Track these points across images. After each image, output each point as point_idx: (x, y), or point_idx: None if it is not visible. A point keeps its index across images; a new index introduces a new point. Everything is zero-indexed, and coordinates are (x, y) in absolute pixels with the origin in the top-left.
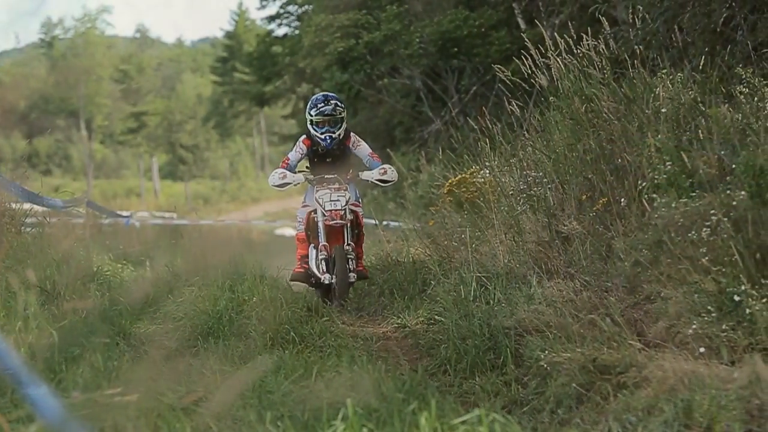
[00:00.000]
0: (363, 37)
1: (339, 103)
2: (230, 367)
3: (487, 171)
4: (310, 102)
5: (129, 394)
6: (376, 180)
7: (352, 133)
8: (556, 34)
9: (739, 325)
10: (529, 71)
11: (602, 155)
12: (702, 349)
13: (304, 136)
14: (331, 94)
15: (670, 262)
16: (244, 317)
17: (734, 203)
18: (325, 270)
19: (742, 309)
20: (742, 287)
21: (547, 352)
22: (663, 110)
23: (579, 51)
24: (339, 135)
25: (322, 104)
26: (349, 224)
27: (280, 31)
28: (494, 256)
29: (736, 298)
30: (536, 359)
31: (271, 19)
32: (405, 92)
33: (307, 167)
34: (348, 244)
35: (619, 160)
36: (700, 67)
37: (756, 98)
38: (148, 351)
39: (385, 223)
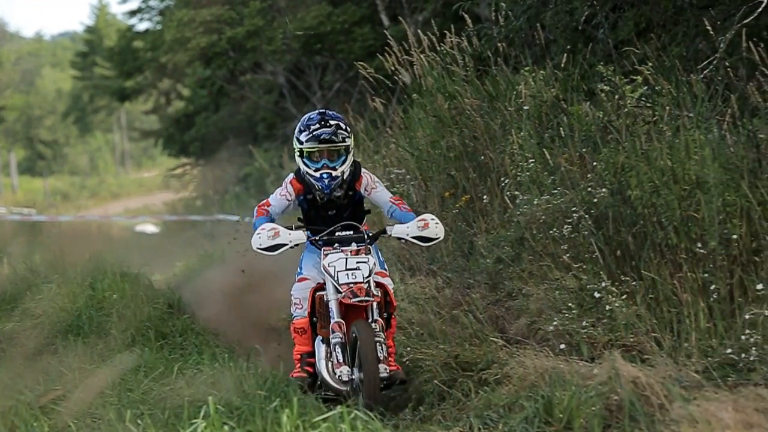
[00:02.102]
0: (226, 33)
1: (342, 125)
2: (90, 365)
3: None
4: (300, 123)
5: None
6: (413, 238)
7: (363, 170)
8: (419, 31)
9: (600, 321)
10: (393, 68)
11: (465, 152)
12: (562, 346)
13: (292, 176)
14: (330, 112)
15: (532, 259)
16: (104, 315)
17: (595, 200)
18: (341, 360)
19: (602, 305)
20: (603, 284)
21: (409, 349)
22: (525, 108)
23: (442, 48)
24: (343, 173)
25: (317, 125)
26: (375, 304)
27: (142, 26)
28: None
29: (597, 294)
30: (399, 356)
31: (133, 13)
32: (268, 88)
33: (299, 219)
34: (374, 320)
35: (482, 158)
36: (562, 65)
37: (617, 96)
38: (5, 349)
39: (246, 219)
